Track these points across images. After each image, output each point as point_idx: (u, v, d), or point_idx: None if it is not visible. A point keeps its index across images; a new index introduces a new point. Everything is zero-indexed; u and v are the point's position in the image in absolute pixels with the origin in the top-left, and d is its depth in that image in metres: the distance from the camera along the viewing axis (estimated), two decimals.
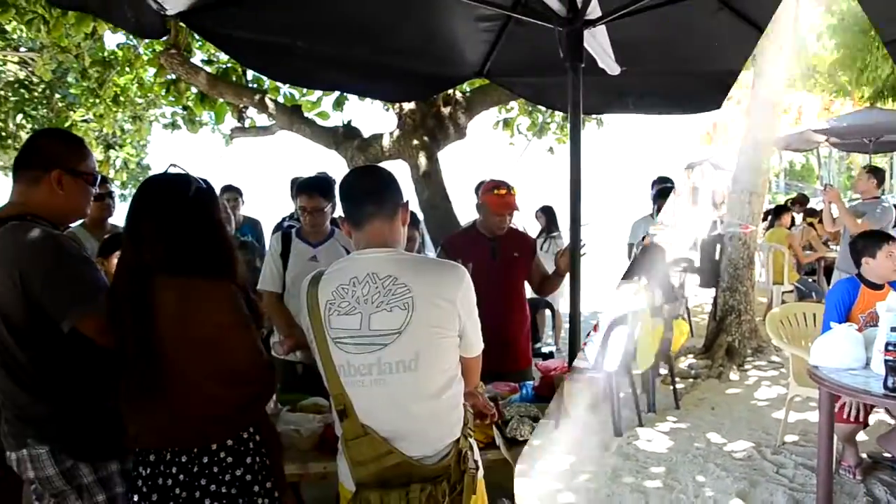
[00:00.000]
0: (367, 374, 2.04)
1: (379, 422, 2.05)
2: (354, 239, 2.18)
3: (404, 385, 2.05)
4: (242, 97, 6.52)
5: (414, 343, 2.03)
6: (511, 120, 9.37)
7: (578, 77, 2.83)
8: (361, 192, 2.18)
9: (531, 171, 4.81)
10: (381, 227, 2.13)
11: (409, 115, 5.83)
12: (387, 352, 2.02)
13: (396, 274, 2.05)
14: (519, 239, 4.06)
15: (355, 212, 2.15)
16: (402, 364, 2.03)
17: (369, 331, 2.02)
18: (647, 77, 3.82)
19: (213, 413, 2.10)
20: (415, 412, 2.07)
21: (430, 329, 2.05)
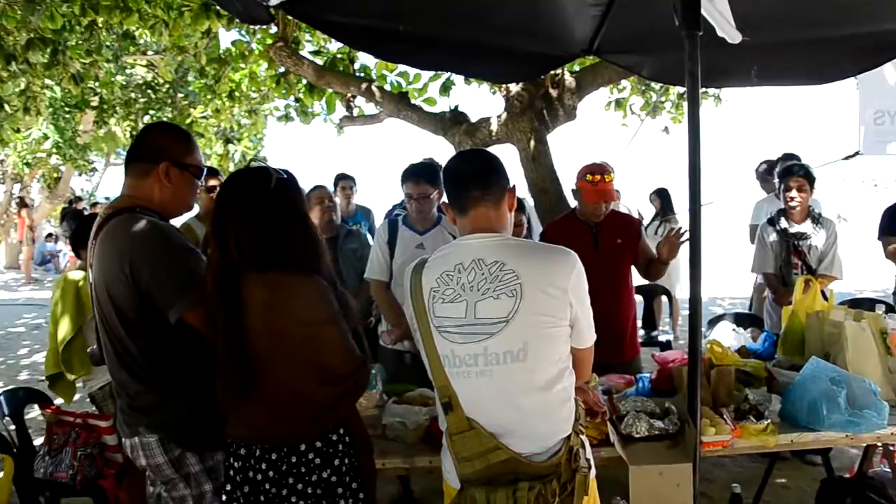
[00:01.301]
0: (473, 365, 1.96)
1: (485, 416, 1.97)
2: (459, 225, 2.11)
3: (512, 376, 1.96)
4: (350, 86, 6.54)
5: (522, 332, 1.94)
6: (623, 100, 9.04)
7: (695, 46, 2.60)
8: (466, 177, 2.11)
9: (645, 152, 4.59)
10: (486, 212, 2.06)
11: (517, 97, 5.67)
12: (494, 341, 1.94)
13: (504, 259, 1.97)
14: (622, 223, 3.89)
15: (460, 197, 2.09)
16: (509, 354, 1.95)
17: (475, 319, 1.95)
18: (771, 45, 3.50)
19: (302, 411, 2.07)
20: (523, 406, 1.98)
21: (539, 318, 1.95)
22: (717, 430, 2.63)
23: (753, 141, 21.33)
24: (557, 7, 3.43)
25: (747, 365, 3.15)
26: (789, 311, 3.51)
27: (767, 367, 3.19)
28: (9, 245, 19.08)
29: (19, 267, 17.68)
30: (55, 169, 16.27)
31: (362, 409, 2.81)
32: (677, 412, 2.73)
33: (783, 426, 2.77)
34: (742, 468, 4.22)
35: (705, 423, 2.63)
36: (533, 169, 5.60)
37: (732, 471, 4.23)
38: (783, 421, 2.81)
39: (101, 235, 2.27)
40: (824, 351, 3.13)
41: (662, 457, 2.53)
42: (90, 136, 12.88)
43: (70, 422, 3.27)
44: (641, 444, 2.60)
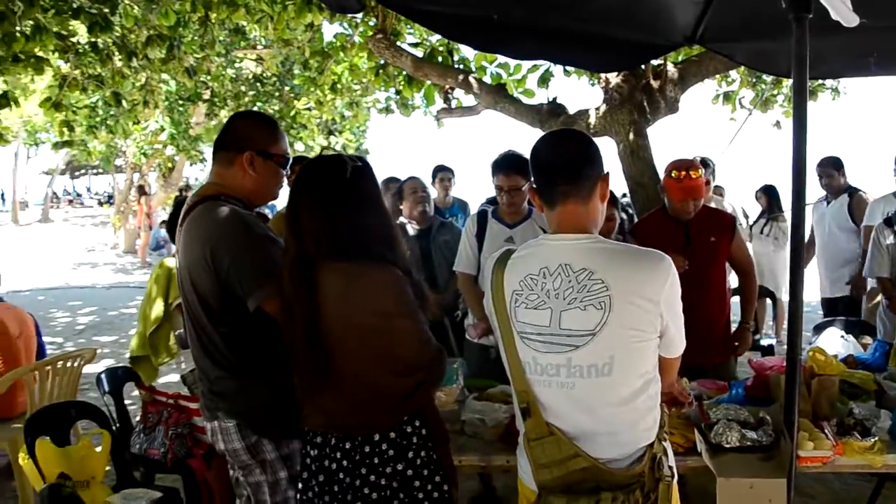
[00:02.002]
0: (555, 376, 1.88)
1: (566, 423, 1.88)
2: (546, 216, 1.99)
3: (596, 390, 1.87)
4: (447, 78, 6.52)
5: (609, 347, 1.83)
6: (733, 93, 8.64)
7: (804, 30, 2.43)
8: (555, 167, 1.95)
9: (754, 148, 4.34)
10: (575, 208, 1.92)
11: (616, 88, 5.49)
12: (578, 354, 1.84)
13: (592, 267, 1.84)
14: (715, 219, 3.70)
15: (547, 189, 1.95)
16: (594, 368, 1.84)
17: (559, 329, 1.85)
18: (892, 30, 3.24)
19: (377, 401, 2.04)
20: (606, 416, 1.89)
21: (628, 331, 1.84)
22: (816, 444, 2.46)
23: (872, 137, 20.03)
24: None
25: (854, 376, 2.93)
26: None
27: (877, 379, 2.96)
28: (128, 231, 20.19)
29: (136, 252, 18.69)
30: (170, 159, 17.06)
31: (441, 403, 2.79)
32: (772, 423, 2.57)
33: (893, 445, 2.56)
34: (847, 486, 3.94)
35: (803, 436, 2.47)
36: (631, 163, 5.42)
37: (836, 488, 3.96)
38: (893, 439, 2.59)
39: (186, 223, 2.31)
40: None
41: (754, 470, 2.39)
42: (202, 127, 13.42)
43: (163, 402, 3.40)
44: (732, 454, 2.46)
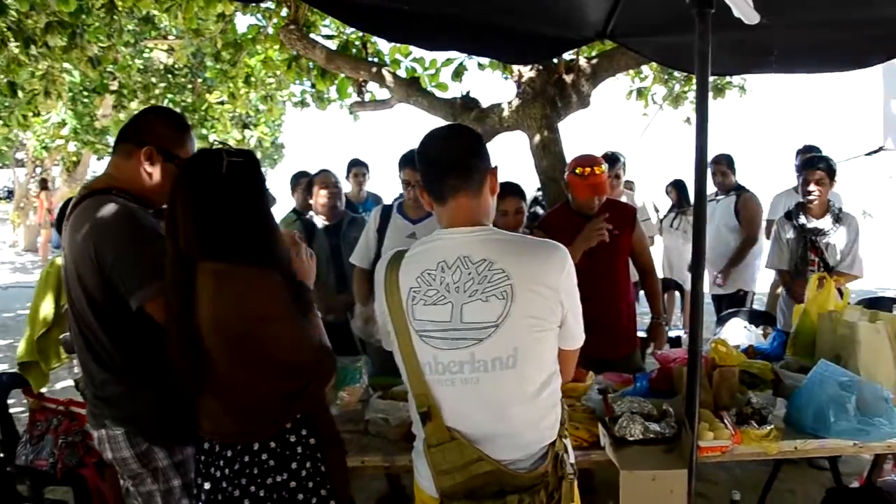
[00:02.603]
0: (458, 373, 1.82)
1: (468, 425, 1.83)
2: (437, 214, 1.94)
3: (501, 385, 1.82)
4: (360, 71, 6.40)
5: (513, 337, 1.80)
6: (645, 89, 8.82)
7: (707, 26, 2.44)
8: (444, 162, 1.91)
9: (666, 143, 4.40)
10: (467, 202, 1.88)
11: (529, 83, 5.50)
12: (482, 347, 1.79)
13: (492, 257, 1.80)
14: (616, 212, 3.69)
15: (437, 185, 1.91)
16: (498, 361, 1.80)
17: (461, 323, 1.80)
18: (793, 28, 3.33)
19: (256, 409, 1.95)
20: (512, 414, 1.84)
21: (530, 321, 1.81)
22: (715, 434, 2.50)
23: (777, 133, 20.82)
24: None
25: (753, 366, 3.00)
26: (800, 310, 3.35)
27: (775, 368, 3.04)
28: (28, 227, 19.23)
29: (37, 249, 17.82)
30: (75, 153, 16.34)
31: (345, 403, 2.72)
32: (675, 415, 2.59)
33: (787, 432, 2.62)
34: (747, 471, 4.06)
35: (704, 426, 2.49)
36: (543, 157, 5.44)
37: (737, 474, 4.08)
38: (788, 426, 2.66)
39: (72, 217, 2.18)
40: (835, 353, 2.97)
41: (656, 462, 2.40)
42: (109, 119, 12.88)
43: (53, 409, 3.21)
44: (635, 447, 2.47)
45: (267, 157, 15.26)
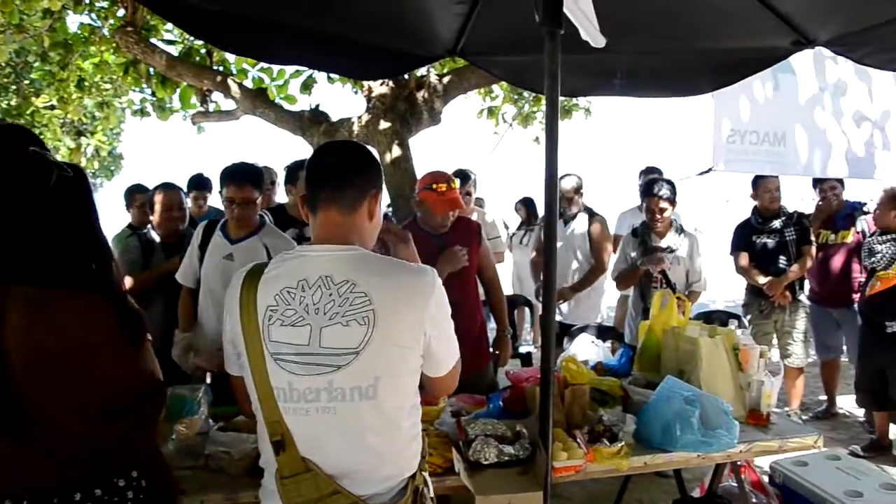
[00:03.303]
0: (314, 401, 1.67)
1: (325, 456, 1.69)
2: (311, 227, 1.82)
3: (359, 416, 1.69)
4: (203, 79, 6.09)
5: (373, 366, 1.67)
6: (496, 108, 9.01)
7: (556, 45, 2.45)
8: (319, 172, 1.81)
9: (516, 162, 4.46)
10: (337, 216, 1.77)
11: (379, 98, 5.44)
12: (341, 375, 1.66)
13: (355, 279, 1.68)
14: (464, 229, 3.68)
15: (311, 194, 1.80)
16: (357, 391, 1.67)
17: (320, 348, 1.67)
18: (636, 55, 3.45)
19: (77, 451, 1.69)
20: (371, 446, 1.72)
21: (392, 349, 1.70)
22: (569, 454, 2.48)
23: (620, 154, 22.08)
24: (420, 3, 3.23)
25: (603, 383, 3.04)
26: (646, 326, 3.45)
27: (623, 385, 3.10)
28: None
29: None
30: None
31: (182, 437, 2.49)
32: (529, 436, 2.56)
33: (637, 448, 2.67)
34: (599, 484, 4.14)
35: (557, 447, 2.48)
36: (393, 173, 5.38)
37: (588, 487, 4.15)
38: (637, 442, 2.71)
39: None
40: (679, 367, 3.08)
41: (511, 485, 2.36)
42: None
43: None
44: (490, 471, 2.41)
45: (104, 168, 14.29)
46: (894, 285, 4.53)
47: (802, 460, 3.45)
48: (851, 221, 5.28)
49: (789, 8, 2.94)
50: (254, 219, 3.45)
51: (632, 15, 3.12)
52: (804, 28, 3.05)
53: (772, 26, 3.06)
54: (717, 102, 4.85)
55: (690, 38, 3.39)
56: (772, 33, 3.14)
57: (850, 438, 5.16)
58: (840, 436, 5.23)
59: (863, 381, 4.90)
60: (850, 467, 3.48)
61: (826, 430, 5.25)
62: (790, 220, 5.22)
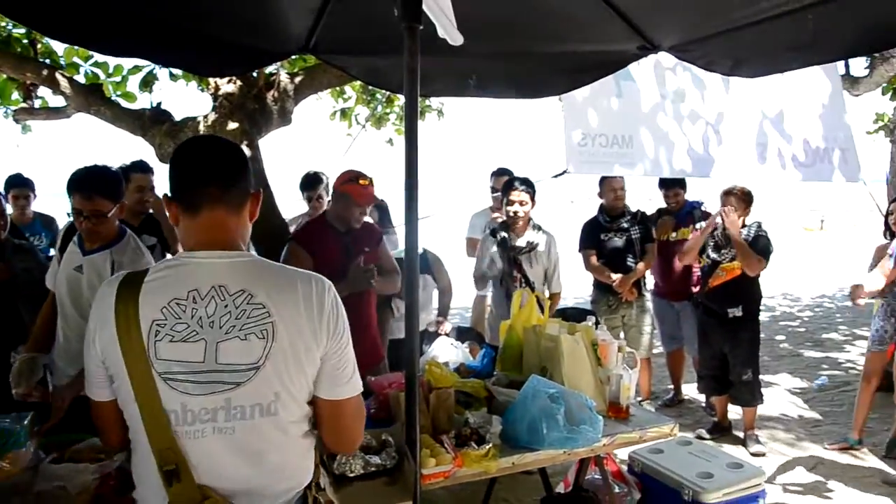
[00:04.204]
0: (210, 422, 1.54)
1: (222, 480, 1.57)
2: (184, 229, 1.62)
3: (260, 433, 1.57)
4: (25, 72, 5.54)
5: (274, 381, 1.58)
6: (349, 110, 8.87)
7: (415, 41, 2.39)
8: (204, 166, 1.62)
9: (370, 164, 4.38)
10: (225, 217, 1.61)
11: (226, 96, 5.18)
12: (240, 392, 1.55)
13: (252, 289, 1.55)
14: (369, 232, 3.88)
15: (191, 191, 1.60)
16: (258, 408, 1.58)
17: (217, 364, 1.53)
18: (490, 56, 3.46)
19: None
20: (270, 463, 1.61)
21: (292, 362, 1.59)
22: (437, 460, 2.44)
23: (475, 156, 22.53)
24: None
25: (466, 385, 3.01)
26: (507, 326, 3.47)
27: (487, 385, 3.08)
28: None
29: None
30: None
31: (5, 474, 2.21)
32: (395, 444, 2.49)
33: (504, 448, 2.66)
34: (465, 486, 4.11)
35: (425, 453, 2.43)
36: None
37: (455, 490, 4.11)
38: (504, 442, 2.70)
39: None
40: (541, 365, 3.10)
41: (379, 496, 2.31)
42: None
43: None
44: (357, 483, 2.34)
45: None
46: (736, 276, 4.84)
47: (658, 448, 3.58)
48: (691, 220, 5.61)
49: (636, 15, 3.04)
50: (109, 231, 3.10)
51: (486, 16, 3.12)
52: (650, 34, 3.14)
53: (620, 32, 3.14)
54: (567, 107, 4.99)
55: (543, 40, 3.43)
56: (620, 38, 3.22)
57: (695, 423, 5.47)
58: (686, 421, 5.52)
59: (704, 368, 5.20)
60: (701, 451, 3.67)
61: (674, 416, 5.51)
62: (634, 218, 5.48)
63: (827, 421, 5.61)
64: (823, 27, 2.58)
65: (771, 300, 10.89)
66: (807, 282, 12.68)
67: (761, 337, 5.24)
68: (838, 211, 27.66)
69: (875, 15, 2.48)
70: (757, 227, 4.88)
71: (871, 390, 4.90)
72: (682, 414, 5.76)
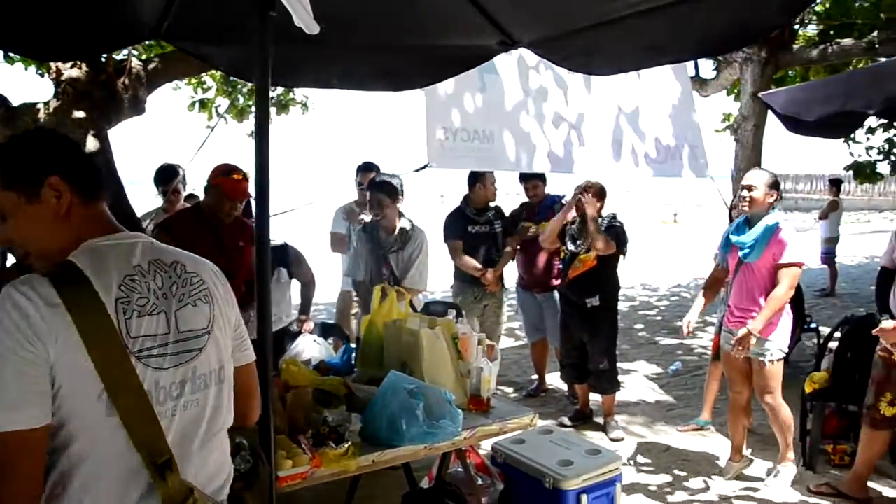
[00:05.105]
0: (179, 397, 1.50)
1: (199, 471, 1.56)
2: (83, 218, 1.51)
3: (217, 404, 1.60)
4: None
5: (221, 344, 1.62)
6: (209, 101, 8.56)
7: (267, 28, 2.31)
8: (85, 159, 1.61)
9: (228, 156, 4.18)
10: (105, 209, 1.59)
11: (70, 82, 4.83)
12: (202, 359, 1.56)
13: (180, 260, 1.60)
14: (241, 227, 3.84)
15: (87, 183, 1.53)
16: (214, 374, 1.59)
17: (179, 333, 1.52)
18: (354, 49, 3.40)
19: None
20: (221, 442, 1.66)
21: (226, 327, 1.65)
22: (294, 461, 2.38)
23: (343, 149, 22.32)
24: None
25: (325, 383, 2.95)
26: (367, 322, 3.43)
27: (347, 382, 3.04)
28: None
29: None
30: None
31: None
32: (250, 447, 2.39)
33: (364, 446, 2.64)
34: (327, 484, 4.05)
35: (281, 455, 2.36)
36: None
37: (319, 489, 4.03)
38: (364, 440, 2.67)
39: None
40: (402, 360, 3.09)
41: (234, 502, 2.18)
42: None
43: None
44: None
45: None
46: (593, 266, 5.00)
47: (520, 438, 3.65)
48: (551, 214, 5.75)
49: (496, 10, 3.07)
50: None
51: (348, 7, 3.06)
52: (510, 30, 3.19)
53: (481, 27, 3.16)
54: (429, 101, 4.99)
55: (405, 33, 3.41)
56: (481, 33, 3.24)
57: (558, 411, 5.64)
58: (550, 410, 5.69)
59: (565, 358, 5.36)
60: (562, 439, 3.77)
61: (538, 406, 5.67)
62: (497, 212, 5.59)
63: (681, 404, 5.92)
64: (673, 29, 2.71)
65: (631, 290, 11.41)
66: (664, 272, 13.35)
67: (621, 326, 5.47)
68: (692, 205, 29.38)
69: (718, 21, 2.61)
70: (611, 217, 5.07)
71: (718, 373, 5.21)
72: (546, 403, 5.93)
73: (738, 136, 7.22)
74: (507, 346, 7.52)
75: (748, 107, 7.06)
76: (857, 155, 9.74)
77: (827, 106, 4.77)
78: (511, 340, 7.79)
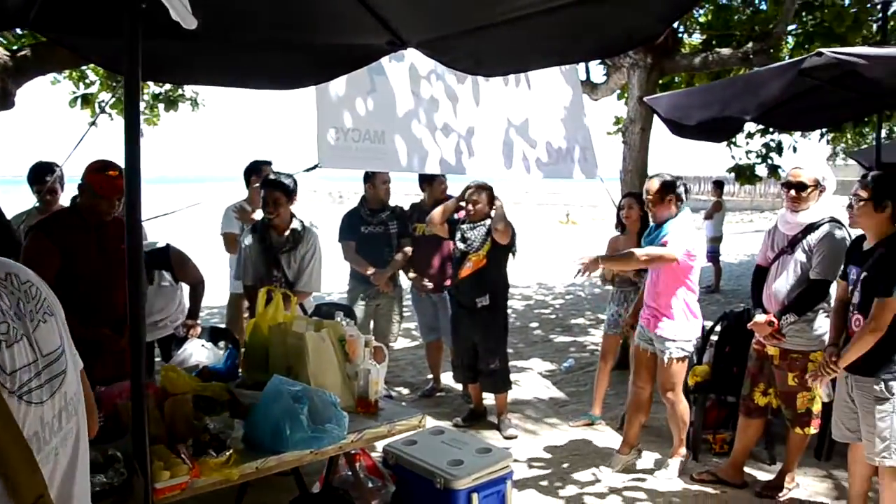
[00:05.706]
0: (59, 430, 1.33)
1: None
2: None
3: (83, 429, 1.43)
4: None
5: (72, 362, 1.42)
6: (92, 96, 8.15)
7: (137, 21, 2.21)
8: None
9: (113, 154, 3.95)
10: None
11: None
12: (68, 381, 1.37)
13: (10, 269, 1.37)
14: (120, 228, 3.54)
15: None
16: (77, 396, 1.41)
17: (44, 357, 1.33)
18: (242, 45, 3.31)
19: None
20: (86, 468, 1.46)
21: (67, 337, 1.45)
22: (172, 472, 2.29)
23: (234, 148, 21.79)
24: None
25: (207, 389, 2.87)
26: (252, 325, 3.35)
27: (230, 388, 2.96)
28: None
29: None
30: None
31: None
32: (125, 459, 2.29)
33: (247, 454, 2.57)
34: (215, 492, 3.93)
35: (159, 466, 2.26)
36: None
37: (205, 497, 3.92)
38: (248, 448, 2.61)
39: None
40: (287, 364, 3.03)
41: None
42: None
43: None
44: None
45: None
46: (483, 266, 5.04)
47: (412, 439, 3.65)
48: None
49: (384, 10, 3.05)
50: None
51: (235, 3, 2.99)
52: (398, 30, 3.18)
53: (369, 25, 3.14)
54: (320, 100, 4.92)
55: (294, 31, 3.34)
56: (369, 32, 3.22)
57: (453, 411, 5.66)
58: (445, 410, 5.71)
59: (458, 358, 5.40)
60: (453, 439, 3.79)
61: (432, 406, 5.70)
62: (393, 213, 5.59)
63: (573, 400, 6.07)
64: (560, 32, 2.77)
65: (527, 289, 11.63)
66: (559, 271, 13.66)
67: (517, 325, 5.55)
68: (586, 207, 30.21)
69: (604, 24, 2.69)
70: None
71: (607, 370, 5.40)
72: (441, 403, 5.95)
73: (626, 139, 7.44)
74: (404, 347, 7.52)
75: (635, 111, 7.29)
76: (738, 158, 10.25)
77: (705, 111, 5.01)
78: (407, 341, 7.78)
